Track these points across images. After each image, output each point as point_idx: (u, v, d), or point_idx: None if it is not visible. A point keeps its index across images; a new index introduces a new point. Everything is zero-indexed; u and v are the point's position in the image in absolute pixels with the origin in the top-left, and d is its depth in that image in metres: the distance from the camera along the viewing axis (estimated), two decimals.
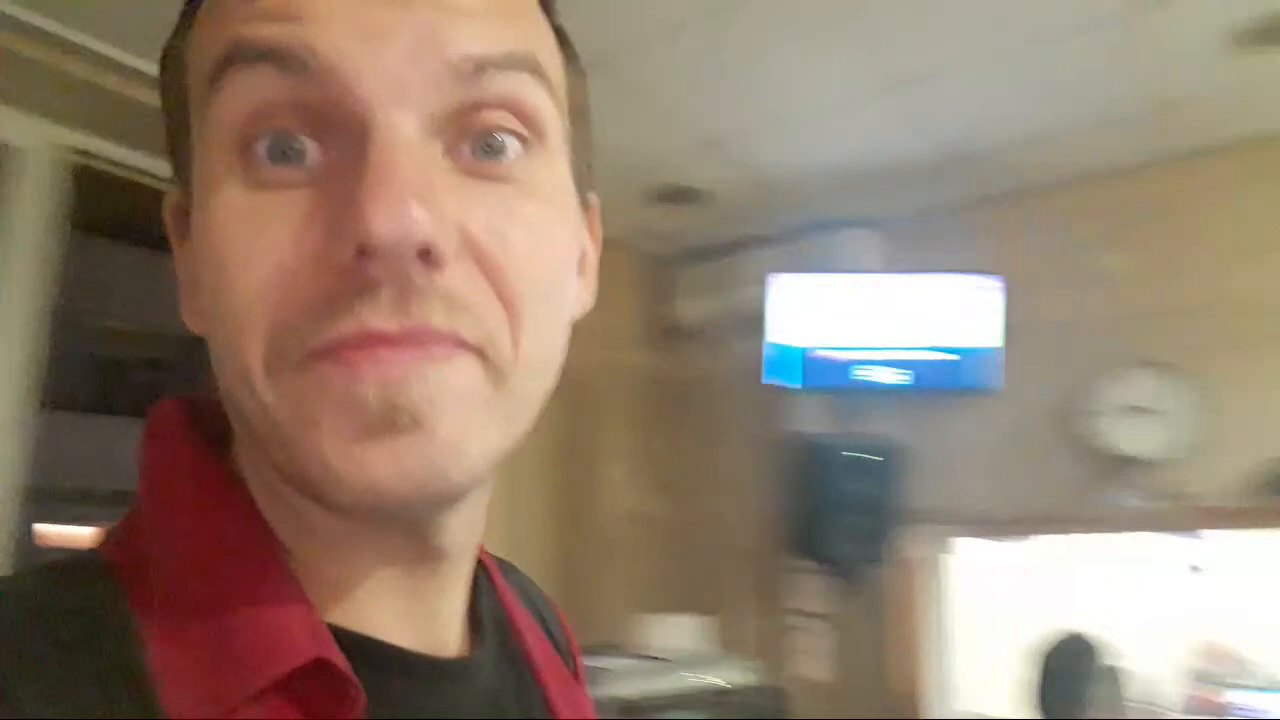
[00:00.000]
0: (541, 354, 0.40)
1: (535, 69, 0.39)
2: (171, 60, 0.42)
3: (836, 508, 2.85)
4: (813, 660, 3.19)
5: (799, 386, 3.06)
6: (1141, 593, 5.65)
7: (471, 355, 0.36)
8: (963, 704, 3.38)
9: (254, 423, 0.38)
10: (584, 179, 0.46)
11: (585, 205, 0.47)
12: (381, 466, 0.35)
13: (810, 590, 3.19)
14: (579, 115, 0.45)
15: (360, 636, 0.40)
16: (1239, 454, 2.67)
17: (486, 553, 0.52)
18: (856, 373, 2.98)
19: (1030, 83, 2.43)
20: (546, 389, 0.41)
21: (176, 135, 0.42)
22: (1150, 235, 2.86)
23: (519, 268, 0.38)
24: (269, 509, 0.41)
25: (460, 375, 0.36)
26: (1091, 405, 2.86)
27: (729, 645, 3.12)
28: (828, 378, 3.03)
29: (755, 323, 3.03)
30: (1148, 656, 4.54)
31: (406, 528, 0.41)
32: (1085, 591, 5.74)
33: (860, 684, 3.12)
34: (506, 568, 0.58)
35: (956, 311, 2.96)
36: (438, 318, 0.35)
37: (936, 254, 3.08)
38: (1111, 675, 2.17)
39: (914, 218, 3.17)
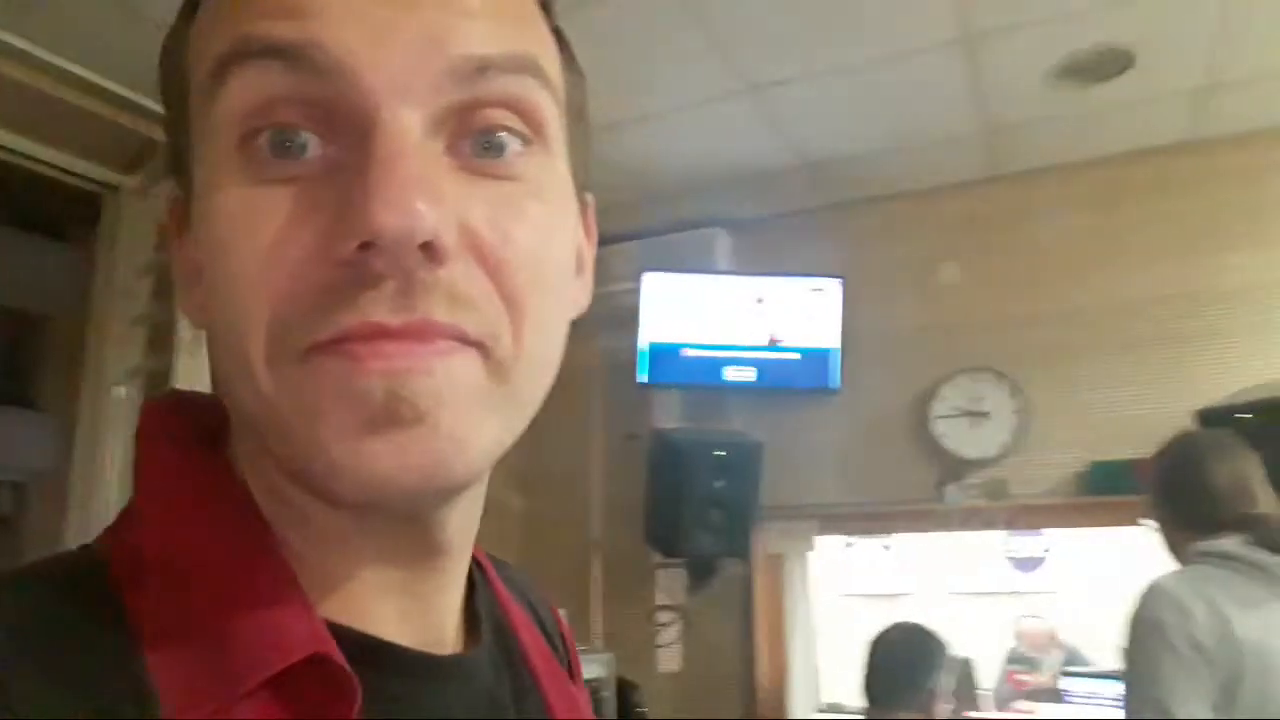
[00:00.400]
0: (542, 351, 0.40)
1: (536, 70, 0.39)
2: (171, 55, 0.42)
3: (695, 503, 2.91)
4: (670, 653, 3.26)
5: (660, 383, 3.13)
6: (975, 583, 6.03)
7: (473, 351, 0.37)
8: (825, 696, 3.53)
9: (254, 416, 0.38)
10: (581, 178, 0.46)
11: (582, 204, 0.47)
12: (384, 459, 0.35)
13: (669, 584, 3.25)
14: (577, 115, 0.45)
15: (358, 633, 0.40)
16: (1062, 455, 2.89)
17: (481, 550, 0.52)
18: (709, 370, 3.08)
19: (876, 98, 2.56)
20: (546, 386, 0.41)
21: (176, 129, 0.41)
22: (983, 249, 3.07)
23: (521, 264, 0.38)
24: (267, 505, 0.41)
25: (463, 370, 0.36)
26: (928, 408, 3.05)
27: (588, 639, 3.16)
28: (685, 374, 3.11)
29: (619, 319, 3.07)
30: (979, 642, 4.88)
31: (406, 523, 0.41)
32: (927, 583, 6.08)
33: (716, 676, 3.20)
34: (502, 565, 0.57)
35: (800, 313, 3.10)
36: (440, 312, 0.35)
37: (783, 257, 3.20)
38: (939, 662, 2.27)
39: (763, 220, 3.28)
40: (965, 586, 5.98)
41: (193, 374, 2.10)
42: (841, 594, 5.73)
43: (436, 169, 0.36)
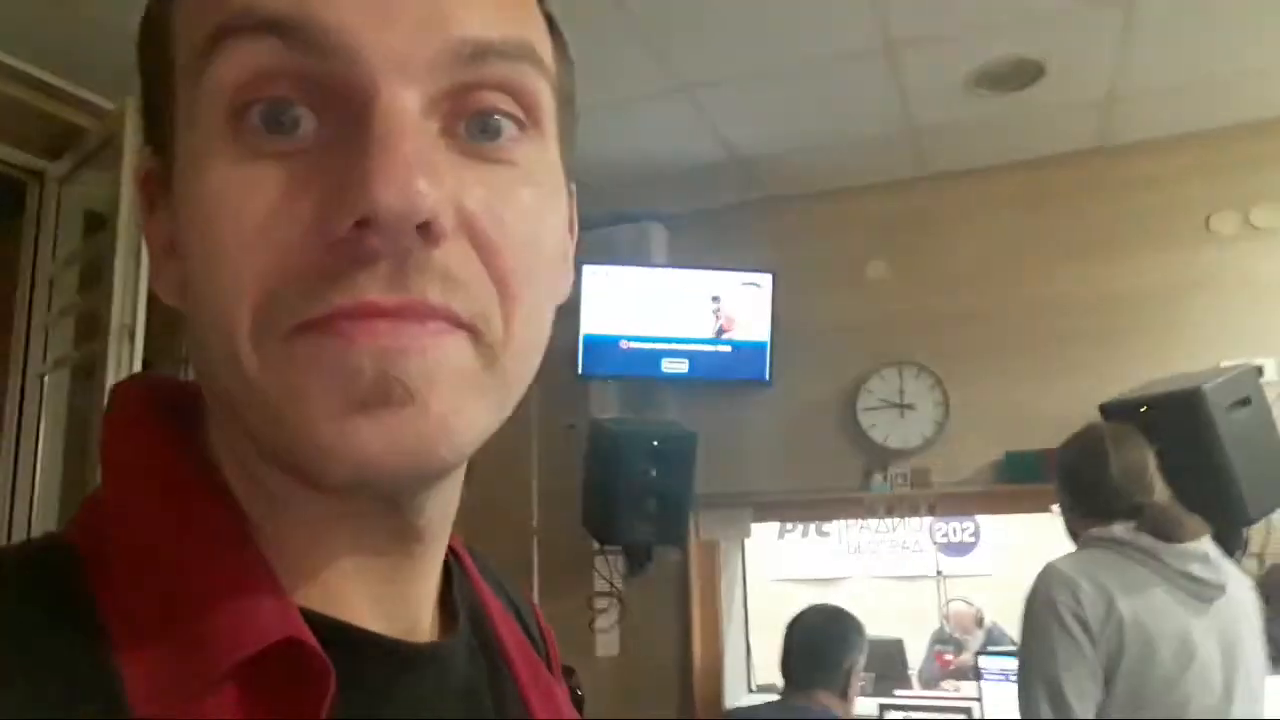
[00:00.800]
0: (532, 337, 0.39)
1: (533, 56, 0.39)
2: (154, 27, 0.41)
3: (631, 491, 2.97)
4: (608, 638, 3.34)
5: (597, 374, 3.19)
6: (909, 568, 6.23)
7: (464, 334, 0.36)
8: (760, 678, 3.62)
9: (236, 397, 0.37)
10: (569, 166, 0.46)
11: (568, 192, 0.47)
12: (373, 440, 0.34)
13: (607, 571, 3.32)
14: (567, 102, 0.44)
15: (332, 620, 0.39)
16: (980, 446, 3.03)
17: (459, 540, 0.51)
18: (646, 362, 3.15)
19: (805, 99, 2.65)
20: (533, 372, 0.41)
21: (157, 103, 0.40)
22: (909, 247, 3.19)
23: (514, 249, 0.37)
24: (242, 489, 0.40)
25: (454, 353, 0.36)
26: (856, 399, 3.16)
27: None
28: (622, 366, 3.18)
29: (558, 310, 3.11)
30: (910, 625, 5.05)
31: (385, 508, 0.41)
32: (863, 568, 6.26)
33: (653, 660, 3.29)
34: (479, 556, 0.57)
35: (733, 307, 3.19)
36: (434, 293, 0.35)
37: (716, 251, 3.29)
38: (855, 642, 2.36)
39: (699, 215, 3.37)
40: (899, 571, 6.17)
41: (123, 362, 2.09)
42: (778, 579, 5.86)
43: (434, 150, 0.36)
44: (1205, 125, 2.85)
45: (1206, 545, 1.80)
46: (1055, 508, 2.02)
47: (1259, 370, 2.60)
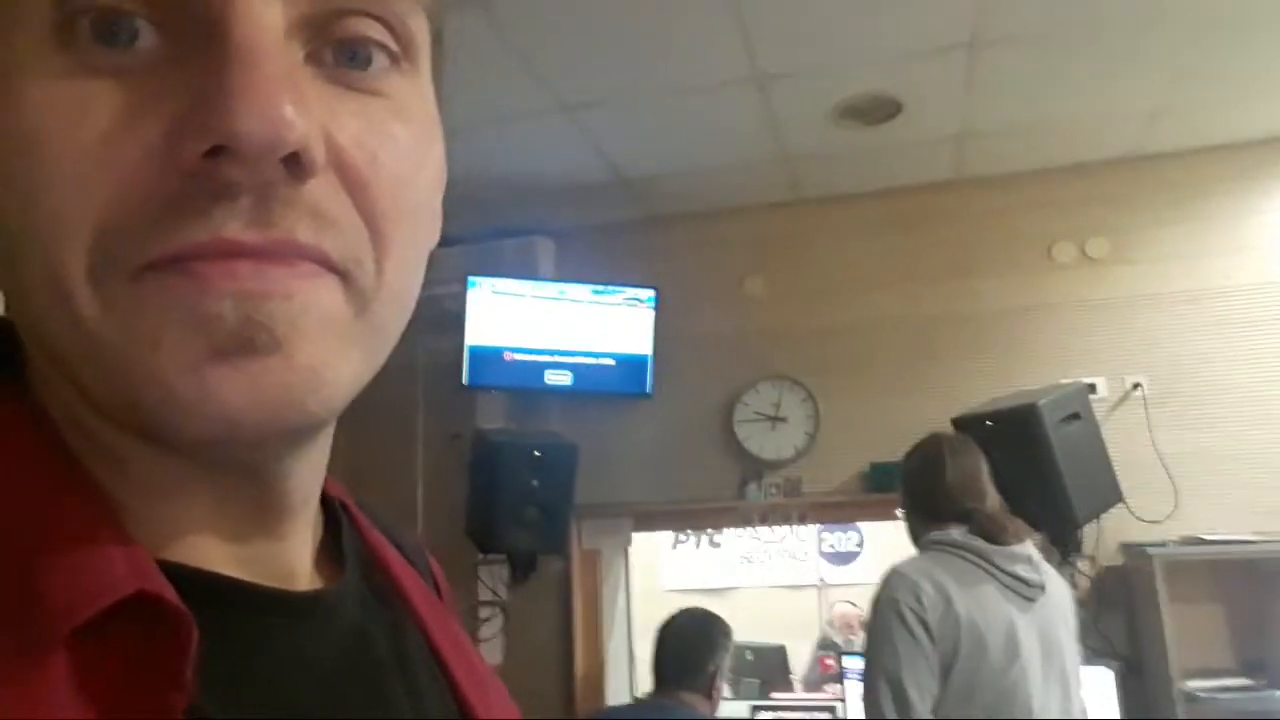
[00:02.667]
0: (404, 282, 0.36)
1: None
2: None
3: (512, 500, 3.01)
4: (492, 647, 3.36)
5: (482, 385, 3.23)
6: (796, 577, 6.42)
7: (335, 278, 0.33)
8: (644, 686, 3.68)
9: (67, 346, 0.33)
10: (439, 102, 0.42)
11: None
12: (235, 392, 0.31)
13: (491, 579, 3.35)
14: (437, 39, 0.41)
15: (192, 569, 0.35)
16: (847, 457, 3.19)
17: (338, 486, 0.48)
18: (530, 373, 3.21)
19: (682, 123, 2.77)
20: (404, 321, 0.38)
21: None
22: (784, 266, 3.35)
23: (386, 188, 0.34)
24: (79, 447, 0.35)
25: (324, 297, 0.33)
26: (732, 412, 3.29)
27: None
28: (506, 377, 3.23)
29: (443, 321, 3.14)
30: (796, 632, 5.23)
31: (246, 473, 0.37)
32: (751, 578, 6.42)
33: (536, 668, 3.32)
34: (368, 507, 0.53)
35: (615, 321, 3.28)
36: (303, 231, 0.32)
37: (601, 266, 3.38)
38: (722, 644, 2.45)
39: (584, 230, 3.45)
40: (787, 580, 6.36)
41: None
42: (670, 589, 5.96)
43: (300, 74, 0.32)
44: (1047, 164, 3.10)
45: (1030, 548, 1.97)
46: (899, 511, 2.17)
47: (1090, 387, 2.85)
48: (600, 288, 3.29)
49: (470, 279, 3.16)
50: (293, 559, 0.41)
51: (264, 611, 0.38)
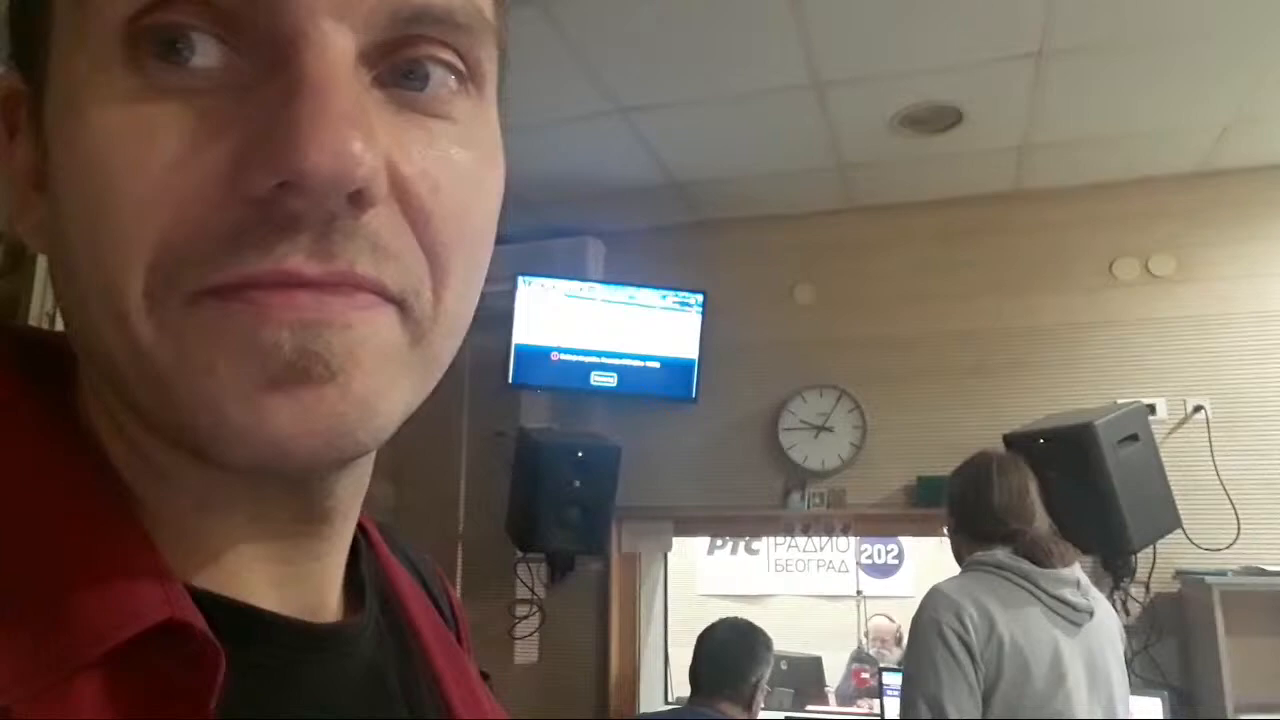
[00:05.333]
0: (461, 311, 0.36)
1: (480, 19, 0.36)
2: None
3: (554, 500, 3.02)
4: (528, 645, 3.37)
5: (527, 384, 3.25)
6: (833, 587, 6.36)
7: (393, 308, 0.33)
8: (679, 691, 3.67)
9: (121, 365, 0.33)
10: (502, 123, 0.42)
11: None
12: (287, 421, 0.31)
13: (529, 578, 3.37)
14: (504, 57, 0.41)
15: (224, 599, 0.36)
16: (893, 469, 3.14)
17: (365, 515, 0.47)
18: (576, 374, 3.21)
19: (739, 128, 2.75)
20: (456, 347, 0.38)
21: (29, 15, 0.35)
22: (835, 274, 3.31)
23: (448, 218, 0.34)
24: (122, 460, 0.36)
25: (382, 328, 0.33)
26: (778, 420, 3.26)
27: None
28: (552, 377, 3.24)
29: (491, 320, 3.17)
30: (831, 643, 5.17)
31: (290, 488, 0.37)
32: (789, 586, 6.37)
33: (571, 668, 3.33)
34: (387, 531, 0.53)
35: (664, 324, 3.27)
36: (364, 264, 0.32)
37: (651, 269, 3.37)
38: (763, 657, 2.43)
39: (634, 233, 3.45)
40: (824, 590, 6.30)
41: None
42: (706, 594, 5.94)
43: (368, 104, 0.32)
44: (1111, 177, 3.02)
45: (1078, 572, 1.92)
46: (945, 529, 2.13)
47: (1149, 408, 2.77)
48: (649, 290, 3.28)
49: (520, 278, 3.18)
50: (326, 583, 0.42)
51: (291, 645, 0.38)
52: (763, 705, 2.46)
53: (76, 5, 0.32)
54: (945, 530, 2.13)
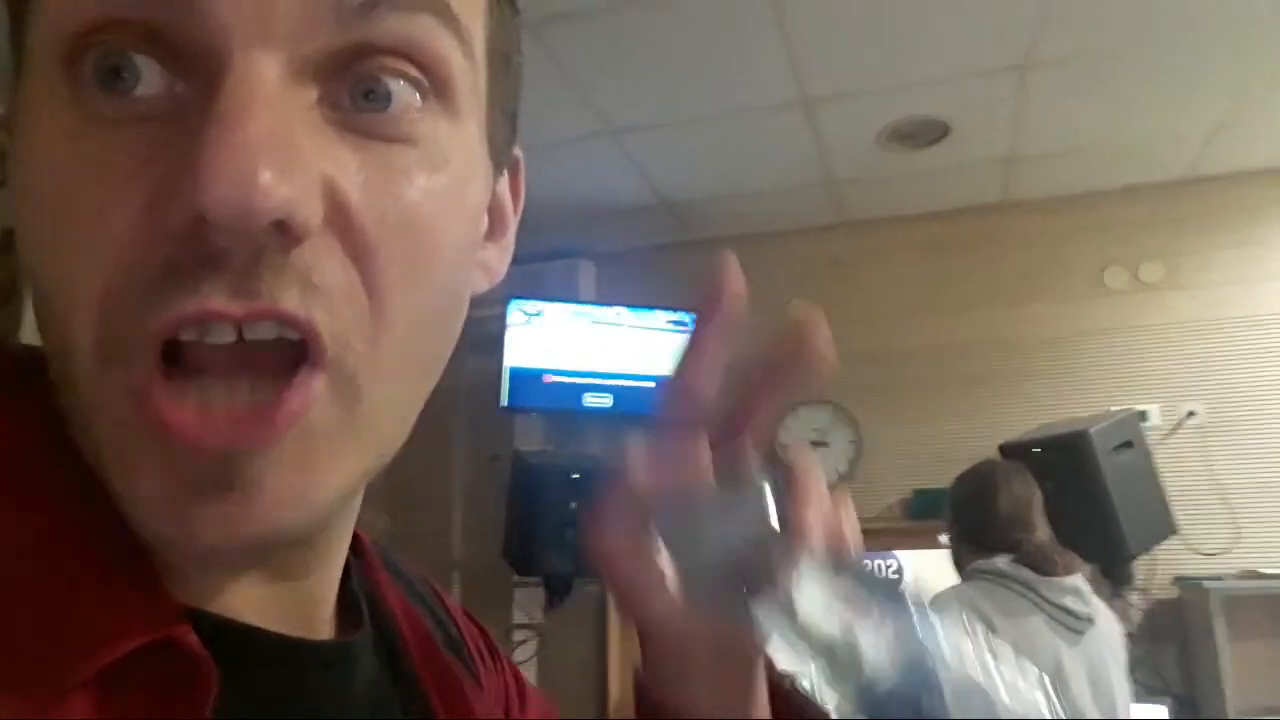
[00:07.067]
0: (406, 354, 0.33)
1: (440, 9, 0.32)
2: None
3: (551, 523, 3.00)
4: (526, 670, 3.35)
5: (521, 407, 3.24)
6: None
7: (322, 376, 0.30)
8: None
9: (76, 420, 0.32)
10: (507, 135, 0.39)
11: (503, 164, 0.41)
12: (209, 530, 0.30)
13: (527, 603, 3.34)
14: (503, 62, 0.37)
15: (217, 617, 0.35)
16: (889, 483, 3.14)
17: (362, 534, 0.46)
18: (570, 395, 3.21)
19: (728, 147, 2.77)
20: (417, 392, 0.35)
21: (14, 27, 0.33)
22: (827, 290, 3.31)
23: (395, 251, 0.31)
24: (111, 485, 0.34)
25: (312, 414, 0.30)
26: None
27: None
28: (546, 399, 3.23)
29: (483, 343, 3.16)
30: None
31: None
32: None
33: (571, 693, 3.30)
34: (384, 551, 0.51)
35: (657, 344, 3.27)
36: (290, 301, 0.29)
37: (643, 289, 3.37)
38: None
39: (626, 253, 3.47)
40: None
41: None
42: None
43: (298, 124, 0.29)
44: (1099, 187, 3.05)
45: (1079, 580, 1.92)
46: (943, 537, 2.13)
47: (1142, 415, 2.78)
48: (641, 310, 3.28)
49: (511, 301, 3.18)
50: (318, 599, 0.41)
51: (287, 663, 0.37)
52: None
53: (35, 26, 0.31)
54: (945, 539, 2.13)
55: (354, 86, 0.31)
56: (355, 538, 0.45)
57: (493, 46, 0.36)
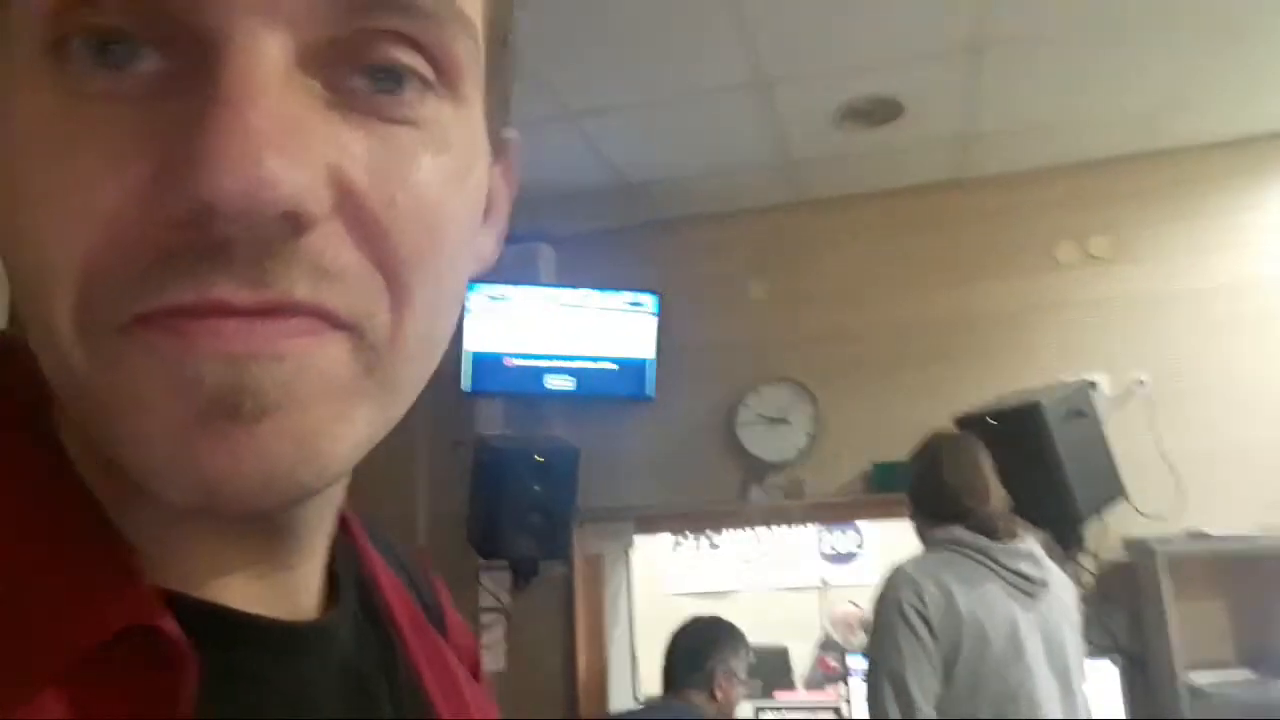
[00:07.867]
0: (426, 333, 0.33)
1: (447, 5, 0.32)
2: None
3: (515, 506, 3.01)
4: (494, 653, 3.36)
5: (483, 391, 3.23)
6: (797, 579, 6.42)
7: (342, 334, 0.30)
8: (647, 689, 3.68)
9: (62, 388, 0.31)
10: (503, 117, 0.40)
11: (503, 145, 0.41)
12: (215, 462, 0.28)
13: (493, 585, 3.35)
14: (500, 44, 0.38)
15: (197, 600, 0.34)
16: (850, 458, 3.19)
17: (348, 510, 0.45)
18: (531, 379, 3.21)
19: (685, 128, 2.78)
20: (428, 371, 0.35)
21: None
22: (785, 269, 3.35)
23: (406, 233, 0.31)
24: (89, 470, 0.34)
25: (325, 356, 0.30)
26: (734, 415, 3.30)
27: None
28: (507, 383, 3.23)
29: None
30: (798, 633, 5.23)
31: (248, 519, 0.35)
32: (753, 580, 6.42)
33: (539, 674, 3.32)
34: (367, 522, 0.50)
35: (618, 325, 3.29)
36: (302, 289, 0.29)
37: (603, 271, 3.38)
38: (725, 643, 2.45)
39: (585, 236, 3.46)
40: (787, 582, 6.35)
41: None
42: (670, 593, 5.95)
43: (305, 109, 0.29)
44: (1050, 163, 3.11)
45: (1033, 545, 1.98)
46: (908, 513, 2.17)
47: (1092, 385, 2.86)
48: (602, 292, 3.29)
49: (470, 284, 3.16)
50: (301, 584, 0.40)
51: (268, 645, 0.37)
52: (743, 694, 2.48)
53: (5, 3, 0.30)
54: (908, 514, 2.17)
55: (361, 70, 0.30)
56: (343, 518, 0.44)
57: (493, 31, 0.36)
